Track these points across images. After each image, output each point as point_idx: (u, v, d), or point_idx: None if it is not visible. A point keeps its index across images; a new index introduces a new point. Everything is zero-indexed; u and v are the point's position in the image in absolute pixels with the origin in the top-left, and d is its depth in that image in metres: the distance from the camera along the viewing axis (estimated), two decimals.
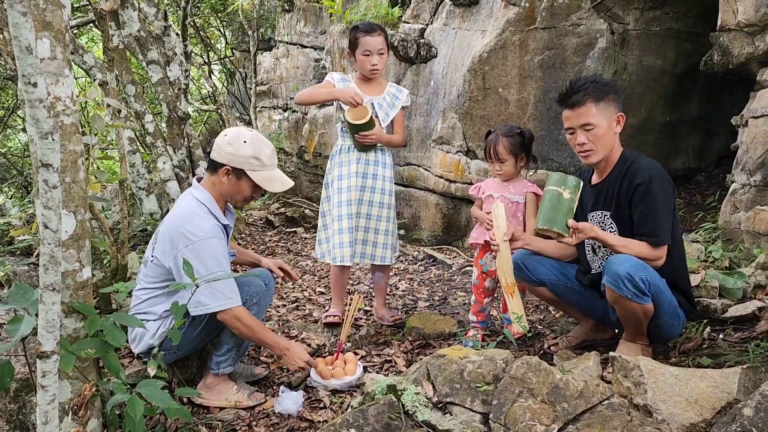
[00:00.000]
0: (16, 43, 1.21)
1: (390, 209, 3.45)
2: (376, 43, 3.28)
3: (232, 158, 2.45)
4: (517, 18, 4.47)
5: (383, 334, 3.39)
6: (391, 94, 3.45)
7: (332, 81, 3.37)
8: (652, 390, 1.92)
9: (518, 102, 4.60)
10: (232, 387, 2.61)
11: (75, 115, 1.89)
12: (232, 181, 2.50)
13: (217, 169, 2.48)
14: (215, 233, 2.43)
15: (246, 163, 2.46)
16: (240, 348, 2.60)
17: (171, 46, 5.47)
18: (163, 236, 2.43)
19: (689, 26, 4.49)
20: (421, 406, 1.98)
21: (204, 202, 2.50)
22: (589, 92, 2.41)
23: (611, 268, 2.25)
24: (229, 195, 2.55)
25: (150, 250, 2.51)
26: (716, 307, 2.72)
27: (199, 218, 2.43)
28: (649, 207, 2.33)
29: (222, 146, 2.46)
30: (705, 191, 4.88)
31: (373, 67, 3.33)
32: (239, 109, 10.02)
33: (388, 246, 3.42)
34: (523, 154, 3.06)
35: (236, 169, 2.47)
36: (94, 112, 2.59)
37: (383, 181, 3.42)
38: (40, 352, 1.52)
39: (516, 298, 2.65)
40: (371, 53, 3.30)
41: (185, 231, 2.37)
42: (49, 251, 1.43)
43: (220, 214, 2.53)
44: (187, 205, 2.49)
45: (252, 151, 2.46)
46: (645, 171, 2.34)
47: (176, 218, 2.44)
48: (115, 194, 5.29)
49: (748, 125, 3.38)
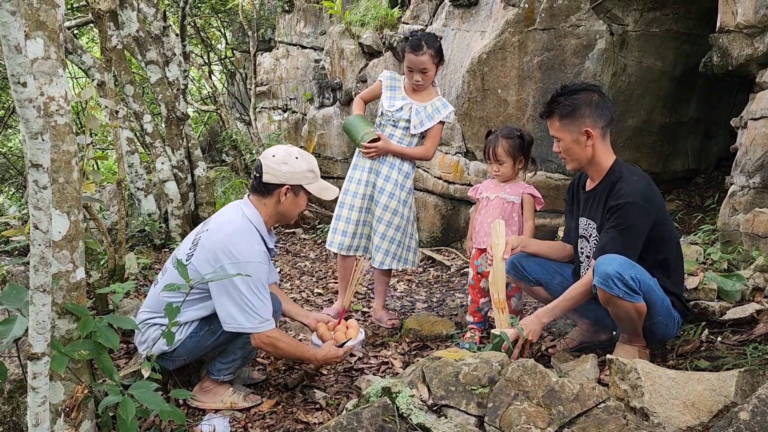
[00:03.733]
0: (5, 42, 1.20)
1: (395, 215, 3.39)
2: (419, 63, 3.27)
3: (290, 176, 2.46)
4: (516, 19, 4.46)
5: (380, 335, 3.38)
6: (435, 106, 3.41)
7: (381, 80, 3.46)
8: (649, 393, 1.91)
9: (517, 103, 4.59)
10: (228, 389, 2.59)
11: (69, 115, 1.88)
12: (290, 199, 2.51)
13: (273, 191, 2.47)
14: (262, 259, 2.41)
15: (303, 178, 2.49)
16: (245, 359, 2.58)
17: (170, 47, 5.47)
18: (206, 248, 2.39)
19: (689, 28, 4.47)
20: (415, 408, 1.97)
21: (254, 222, 2.47)
22: (557, 107, 2.50)
23: (600, 268, 2.26)
24: (287, 214, 2.55)
25: (186, 252, 2.47)
26: (714, 309, 2.71)
27: (247, 242, 2.40)
28: (611, 234, 2.38)
29: (277, 167, 2.45)
30: (704, 193, 4.86)
31: (416, 83, 3.35)
32: (239, 109, 10.01)
33: (382, 250, 3.39)
34: (521, 157, 3.06)
35: (294, 186, 2.49)
36: (88, 112, 2.58)
37: (394, 185, 3.39)
38: (30, 353, 1.51)
39: (505, 314, 2.65)
40: (414, 71, 3.31)
41: (232, 250, 2.35)
42: (39, 252, 1.42)
43: (267, 236, 2.53)
44: (236, 221, 2.44)
45: (306, 166, 2.50)
46: (625, 195, 2.37)
47: (223, 234, 2.39)
48: (113, 194, 5.28)
49: (747, 127, 3.37)
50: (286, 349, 2.48)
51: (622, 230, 2.35)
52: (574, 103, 2.45)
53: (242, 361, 2.58)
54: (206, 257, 2.37)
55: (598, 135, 2.47)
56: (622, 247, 2.32)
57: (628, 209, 2.34)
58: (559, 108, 2.48)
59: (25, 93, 1.29)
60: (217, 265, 2.34)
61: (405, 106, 3.36)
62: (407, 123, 3.36)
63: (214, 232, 2.42)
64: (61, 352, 1.82)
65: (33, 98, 1.30)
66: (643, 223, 2.36)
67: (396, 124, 3.38)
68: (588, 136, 2.46)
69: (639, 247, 2.37)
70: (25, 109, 1.30)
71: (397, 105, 3.36)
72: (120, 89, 5.43)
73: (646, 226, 2.36)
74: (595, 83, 2.64)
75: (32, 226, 1.41)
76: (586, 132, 2.46)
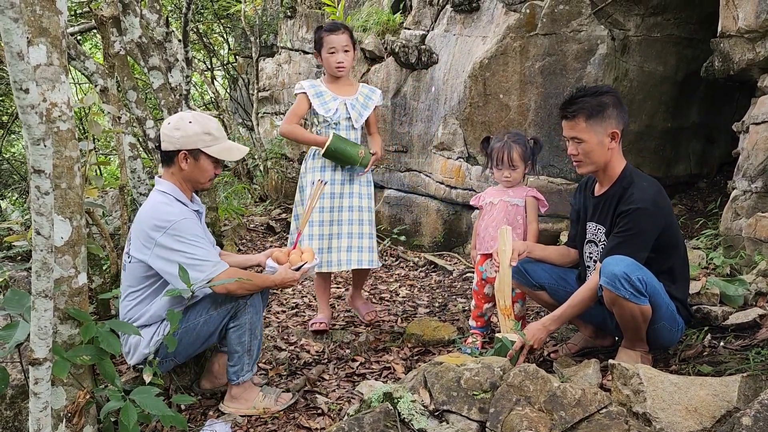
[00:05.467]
0: (7, 49, 1.20)
1: (370, 212, 3.45)
2: (341, 41, 3.30)
3: (184, 141, 2.44)
4: (517, 24, 4.47)
5: (382, 340, 3.38)
6: (364, 94, 3.45)
7: (303, 90, 3.36)
8: (652, 398, 1.90)
9: (519, 108, 4.59)
10: (257, 394, 2.58)
11: (71, 121, 1.89)
12: (191, 165, 2.48)
13: (173, 158, 2.47)
14: (186, 215, 2.43)
15: (199, 141, 2.45)
16: (251, 351, 2.54)
17: (172, 52, 5.48)
18: (136, 234, 2.42)
19: (690, 32, 4.48)
20: (417, 414, 1.97)
21: (167, 191, 2.48)
22: (583, 107, 2.46)
23: (607, 269, 2.26)
24: (193, 179, 2.53)
25: (126, 252, 2.49)
26: (717, 314, 2.70)
27: (166, 206, 2.43)
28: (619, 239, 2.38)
29: (170, 134, 2.45)
30: (706, 197, 4.86)
31: (339, 64, 3.33)
32: (242, 114, 10.03)
33: (374, 249, 3.43)
34: (530, 161, 3.07)
35: (192, 151, 2.46)
36: (91, 118, 2.59)
37: (360, 185, 3.42)
38: (32, 359, 1.51)
39: (510, 320, 2.65)
40: (336, 50, 3.31)
41: (155, 221, 2.37)
42: (41, 258, 1.43)
43: (186, 200, 2.52)
44: (151, 199, 2.49)
45: (200, 128, 2.46)
46: (635, 201, 2.37)
47: (143, 213, 2.43)
48: (115, 200, 5.29)
49: (749, 132, 3.37)
50: (247, 283, 2.43)
51: (631, 236, 2.35)
52: (603, 103, 2.43)
53: (249, 355, 2.53)
54: (140, 243, 2.39)
55: (619, 138, 2.47)
56: (630, 252, 2.32)
57: (637, 215, 2.34)
58: (587, 108, 2.44)
59: (28, 99, 1.29)
60: (151, 244, 2.35)
61: (339, 106, 3.36)
62: (348, 120, 3.38)
63: (137, 219, 2.46)
64: (63, 357, 1.82)
65: (35, 104, 1.31)
66: (652, 229, 2.36)
67: (337, 125, 3.38)
68: (613, 137, 2.45)
69: (646, 253, 2.37)
70: (27, 116, 1.30)
71: (332, 107, 3.35)
72: (123, 95, 5.45)
73: (654, 233, 2.37)
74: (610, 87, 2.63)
75: (34, 232, 1.41)
76: (612, 133, 2.45)
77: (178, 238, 2.34)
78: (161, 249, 2.34)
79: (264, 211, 7.51)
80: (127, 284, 2.48)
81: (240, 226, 6.34)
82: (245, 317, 2.46)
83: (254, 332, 2.51)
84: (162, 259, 2.35)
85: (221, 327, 2.46)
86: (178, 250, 2.33)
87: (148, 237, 2.36)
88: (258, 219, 6.99)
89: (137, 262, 2.41)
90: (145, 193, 5.12)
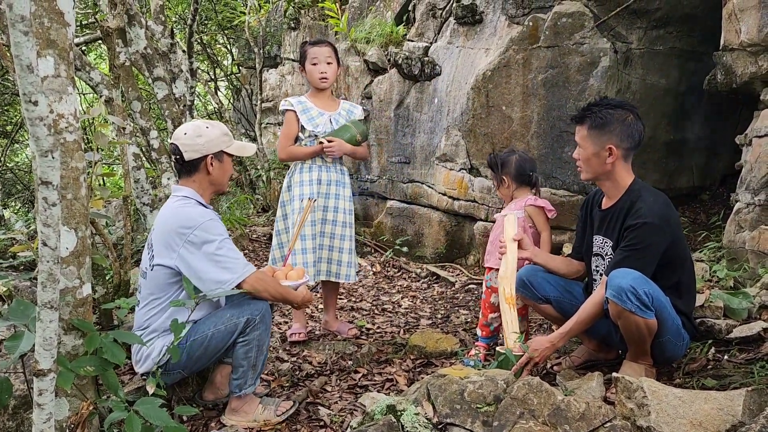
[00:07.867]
0: (17, 61, 1.21)
1: (351, 227, 3.50)
2: (323, 52, 3.37)
3: (210, 145, 2.52)
4: (520, 36, 4.49)
5: (385, 352, 3.37)
6: (346, 109, 3.54)
7: (292, 108, 3.40)
8: (656, 412, 1.89)
9: (521, 120, 4.61)
10: (257, 406, 2.57)
11: (78, 132, 1.90)
12: (217, 167, 2.57)
13: (198, 165, 2.53)
14: (212, 215, 2.45)
15: (221, 142, 2.56)
16: (256, 367, 2.54)
17: (177, 63, 5.52)
18: (158, 239, 2.43)
19: (693, 45, 4.50)
20: (420, 427, 1.96)
21: (188, 196, 2.52)
22: (590, 115, 2.51)
23: (614, 282, 2.26)
24: (218, 182, 2.60)
25: (147, 260, 2.49)
26: (721, 327, 2.69)
27: (189, 207, 2.46)
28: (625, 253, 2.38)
29: (192, 142, 2.49)
30: (710, 210, 4.85)
31: (322, 75, 3.38)
32: (245, 125, 10.07)
33: (352, 264, 3.48)
34: (503, 177, 3.15)
35: (216, 153, 2.55)
36: (97, 129, 2.60)
37: (343, 200, 3.47)
38: (36, 369, 1.51)
39: (514, 311, 2.65)
40: (319, 61, 3.37)
41: (181, 223, 2.38)
42: (47, 269, 1.43)
43: (207, 205, 2.56)
44: (171, 205, 2.50)
45: (219, 131, 2.57)
46: (643, 215, 2.38)
47: (165, 218, 2.45)
48: (119, 210, 5.30)
49: (752, 144, 3.37)
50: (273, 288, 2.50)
51: (638, 250, 2.36)
52: (607, 117, 2.47)
53: (254, 370, 2.53)
54: (164, 248, 2.40)
55: (619, 154, 2.48)
56: (636, 267, 2.32)
57: (644, 230, 2.35)
58: (592, 118, 2.49)
59: (36, 111, 1.30)
60: (178, 246, 2.36)
61: (324, 121, 3.41)
62: None
63: (158, 225, 2.47)
64: (67, 368, 1.82)
65: (44, 116, 1.32)
66: (659, 244, 2.36)
67: None
68: (610, 153, 2.47)
69: (653, 267, 2.37)
70: (35, 128, 1.31)
71: (319, 122, 3.40)
72: (127, 105, 5.47)
73: (661, 247, 2.37)
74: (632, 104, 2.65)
75: (41, 243, 1.42)
76: (609, 149, 2.47)
77: (206, 237, 2.36)
78: (190, 249, 2.35)
79: (267, 221, 7.51)
80: (148, 292, 2.47)
81: (243, 236, 6.34)
82: (255, 333, 2.46)
83: (261, 348, 2.51)
84: (189, 259, 2.35)
85: (231, 341, 2.45)
86: (208, 251, 2.34)
87: (174, 240, 2.37)
88: (260, 229, 7.00)
89: (161, 267, 2.41)
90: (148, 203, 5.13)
